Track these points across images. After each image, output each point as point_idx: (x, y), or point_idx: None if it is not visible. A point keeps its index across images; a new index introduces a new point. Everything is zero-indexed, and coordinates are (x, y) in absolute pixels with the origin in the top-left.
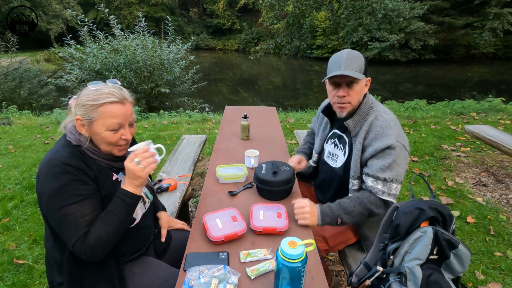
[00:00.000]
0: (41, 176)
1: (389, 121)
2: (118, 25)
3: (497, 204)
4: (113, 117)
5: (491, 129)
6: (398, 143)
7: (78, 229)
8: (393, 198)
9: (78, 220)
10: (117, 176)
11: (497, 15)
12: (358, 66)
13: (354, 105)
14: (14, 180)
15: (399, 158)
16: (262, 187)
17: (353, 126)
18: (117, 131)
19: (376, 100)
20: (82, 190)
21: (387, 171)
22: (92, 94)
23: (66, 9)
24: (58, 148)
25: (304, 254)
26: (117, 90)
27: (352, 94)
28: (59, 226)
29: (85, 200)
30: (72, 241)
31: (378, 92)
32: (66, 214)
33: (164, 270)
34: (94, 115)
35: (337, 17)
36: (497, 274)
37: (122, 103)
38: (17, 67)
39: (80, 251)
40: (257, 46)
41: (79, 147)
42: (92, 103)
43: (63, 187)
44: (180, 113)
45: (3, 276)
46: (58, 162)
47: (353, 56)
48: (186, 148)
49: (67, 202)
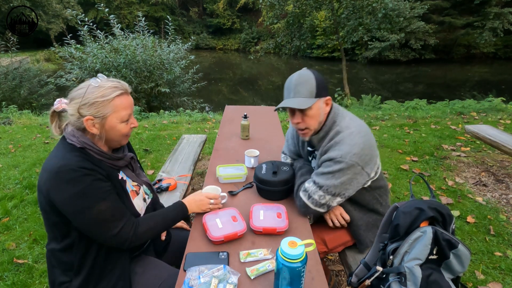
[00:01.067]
0: (53, 184)
1: (345, 137)
2: (118, 25)
3: (497, 204)
4: (125, 108)
5: (491, 129)
6: (343, 159)
7: (120, 219)
8: (311, 203)
9: (114, 213)
10: (121, 176)
11: (498, 14)
12: (308, 91)
13: (315, 128)
14: (14, 179)
15: (340, 172)
16: (262, 187)
17: (317, 143)
18: (128, 121)
19: (343, 113)
20: (104, 187)
21: (320, 176)
22: (98, 91)
23: (66, 8)
24: (65, 154)
25: (304, 254)
26: (118, 82)
27: (307, 120)
28: (93, 225)
29: (110, 195)
30: (116, 231)
31: (378, 92)
32: (99, 211)
33: (165, 269)
34: (107, 111)
35: (337, 17)
36: (497, 274)
37: (127, 93)
38: (17, 67)
39: (124, 237)
40: (257, 46)
41: (83, 149)
42: (103, 99)
43: (87, 188)
44: (180, 113)
45: (3, 275)
46: (73, 166)
47: (303, 80)
48: (186, 147)
49: (96, 201)
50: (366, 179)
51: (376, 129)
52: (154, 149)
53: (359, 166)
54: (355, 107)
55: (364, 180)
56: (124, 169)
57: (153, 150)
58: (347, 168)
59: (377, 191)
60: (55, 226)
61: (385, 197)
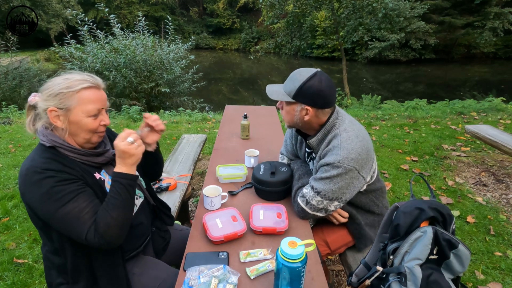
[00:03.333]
0: (23, 186)
1: (343, 141)
2: (118, 25)
3: (497, 204)
4: (92, 102)
5: (491, 129)
6: (341, 164)
7: (84, 222)
8: (309, 209)
9: (79, 215)
10: (100, 176)
11: (498, 14)
12: (289, 88)
13: (288, 122)
14: (14, 179)
15: (338, 177)
16: (260, 187)
17: (315, 145)
18: (96, 116)
19: (343, 116)
20: (71, 188)
21: (318, 182)
22: (65, 82)
23: (66, 8)
24: (34, 155)
25: (304, 254)
26: (89, 76)
27: (282, 111)
28: (63, 228)
29: (78, 196)
30: (83, 235)
31: (378, 92)
32: (65, 214)
33: (164, 270)
34: (71, 103)
35: (337, 17)
36: (497, 274)
37: (98, 88)
38: (17, 67)
39: (94, 241)
40: (257, 46)
41: (53, 148)
42: (68, 90)
43: (51, 190)
44: (180, 113)
45: (3, 275)
46: (37, 168)
47: (294, 77)
48: (186, 147)
49: (61, 203)
50: (362, 183)
51: (376, 129)
52: None
53: (356, 171)
54: (355, 107)
55: (361, 185)
56: (107, 167)
57: None
58: (345, 173)
59: (373, 194)
60: (41, 228)
61: (382, 198)
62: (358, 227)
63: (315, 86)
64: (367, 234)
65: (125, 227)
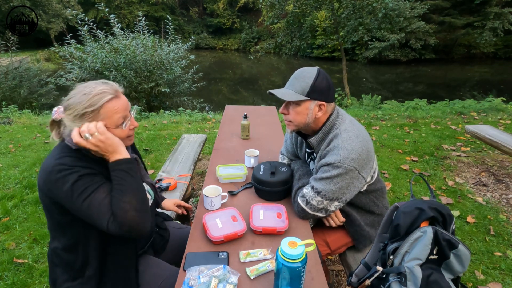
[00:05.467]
0: (48, 183)
1: (343, 141)
2: (118, 24)
3: (497, 204)
4: (116, 113)
5: (491, 129)
6: (341, 164)
7: (104, 213)
8: (309, 209)
9: (99, 206)
10: None
11: (498, 14)
12: (300, 87)
13: (298, 125)
14: (14, 179)
15: (338, 177)
16: (260, 187)
17: (316, 144)
18: (124, 124)
19: (344, 116)
20: (94, 180)
21: (318, 182)
22: (86, 99)
23: (66, 8)
24: (59, 154)
25: (304, 254)
26: (107, 85)
27: (292, 113)
28: (89, 219)
29: (99, 188)
30: (104, 226)
31: (378, 92)
32: (89, 205)
33: (165, 268)
34: (97, 120)
35: (337, 17)
36: (497, 274)
37: (118, 96)
38: (17, 66)
39: (116, 230)
40: (257, 46)
41: (79, 151)
42: (92, 109)
43: (76, 183)
44: (180, 113)
45: (3, 275)
46: (65, 166)
47: (302, 75)
48: (186, 147)
49: (85, 195)
50: (363, 183)
51: (376, 129)
52: (154, 149)
53: (357, 171)
54: (355, 107)
55: (361, 185)
56: None
57: (153, 150)
58: (345, 173)
59: (373, 194)
60: (59, 225)
61: (382, 198)
62: (358, 227)
63: (325, 81)
64: (367, 234)
65: (142, 211)
